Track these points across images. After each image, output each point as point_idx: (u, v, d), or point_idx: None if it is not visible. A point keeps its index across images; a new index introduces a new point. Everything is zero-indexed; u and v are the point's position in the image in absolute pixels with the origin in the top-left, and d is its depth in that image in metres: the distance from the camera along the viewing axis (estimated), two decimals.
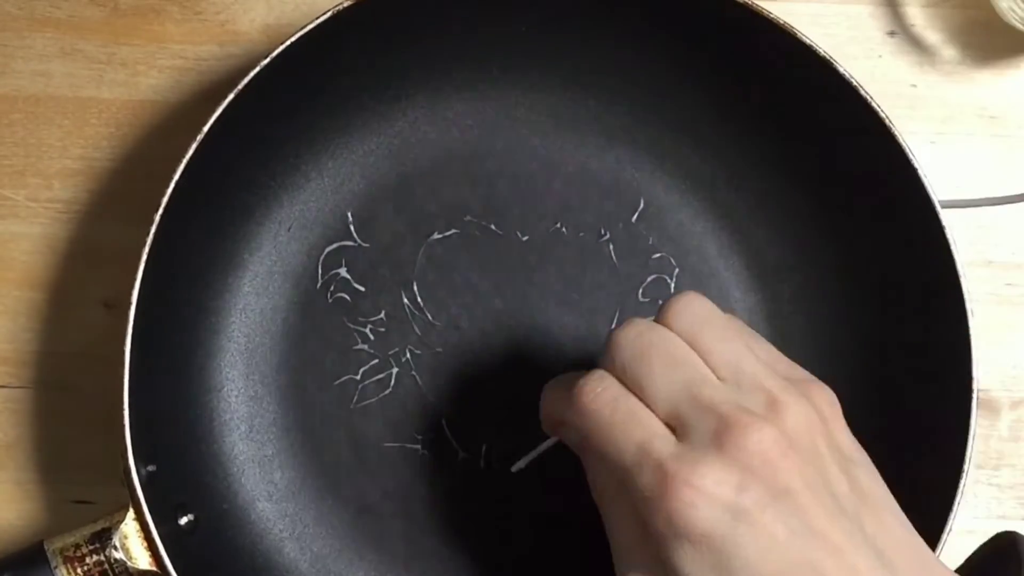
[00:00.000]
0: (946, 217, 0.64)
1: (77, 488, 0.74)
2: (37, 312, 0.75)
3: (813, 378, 0.58)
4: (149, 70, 0.77)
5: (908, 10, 0.77)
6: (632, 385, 0.55)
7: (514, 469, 0.66)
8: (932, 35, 0.77)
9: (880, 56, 0.77)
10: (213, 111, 0.64)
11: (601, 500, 0.57)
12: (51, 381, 0.75)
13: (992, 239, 0.76)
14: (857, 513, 0.53)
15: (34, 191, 0.76)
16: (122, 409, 0.61)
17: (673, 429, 0.53)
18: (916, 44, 0.77)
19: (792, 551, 0.50)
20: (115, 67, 0.76)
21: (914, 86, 0.77)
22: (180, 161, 0.63)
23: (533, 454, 0.65)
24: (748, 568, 0.50)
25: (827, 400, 0.56)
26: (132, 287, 0.62)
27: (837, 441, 0.55)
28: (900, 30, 0.77)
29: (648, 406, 0.54)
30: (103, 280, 0.75)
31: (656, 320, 0.56)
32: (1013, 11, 0.73)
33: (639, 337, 0.55)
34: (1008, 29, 0.75)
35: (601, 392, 0.55)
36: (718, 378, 0.55)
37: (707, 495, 0.50)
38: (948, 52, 0.77)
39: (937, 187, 0.65)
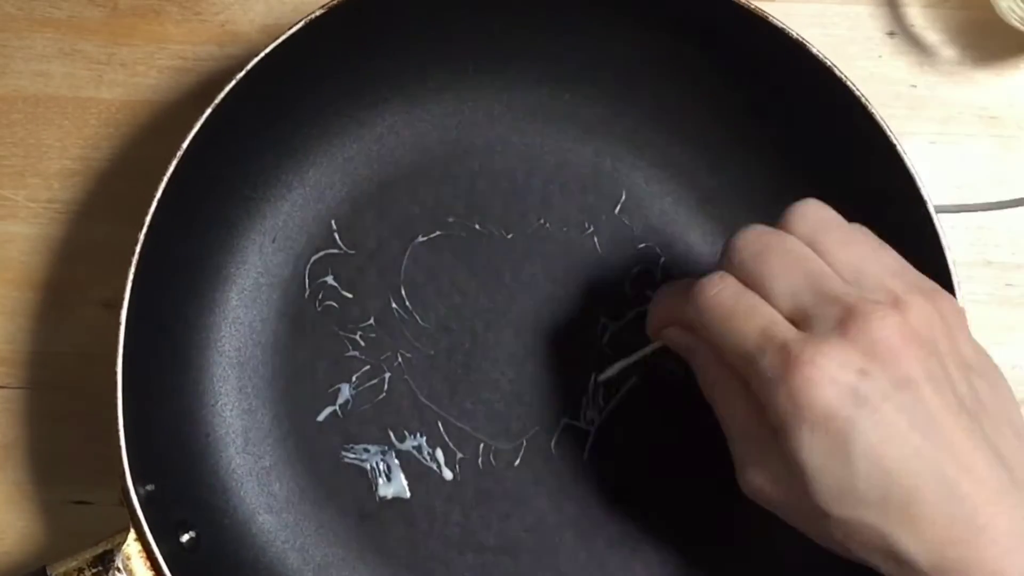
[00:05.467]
0: (942, 219, 0.64)
1: (76, 488, 0.75)
2: (36, 312, 0.76)
3: (940, 288, 0.57)
4: (149, 71, 0.77)
5: (908, 10, 0.77)
6: (752, 282, 0.56)
7: (601, 379, 0.69)
8: (932, 35, 0.76)
9: (880, 56, 0.77)
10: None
11: (715, 396, 0.59)
12: (50, 382, 0.75)
13: (992, 240, 0.75)
14: (976, 414, 0.53)
15: (34, 191, 0.76)
16: (117, 430, 0.62)
17: (795, 323, 0.54)
18: (916, 44, 0.76)
19: (911, 443, 0.51)
20: (115, 67, 0.77)
21: (914, 86, 0.76)
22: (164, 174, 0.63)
23: (626, 361, 0.67)
24: (867, 455, 0.51)
25: (952, 309, 0.56)
26: (122, 302, 0.63)
27: (959, 347, 0.55)
28: (900, 30, 0.76)
29: (768, 301, 0.55)
30: (102, 280, 0.75)
31: (776, 226, 0.57)
32: (1013, 11, 0.73)
33: (758, 238, 0.57)
34: (1008, 29, 0.74)
35: (722, 288, 0.56)
36: (841, 278, 0.55)
37: (830, 376, 0.51)
38: (948, 52, 0.76)
39: (937, 188, 0.65)
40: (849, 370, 0.51)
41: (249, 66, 0.64)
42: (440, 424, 0.71)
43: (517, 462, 0.71)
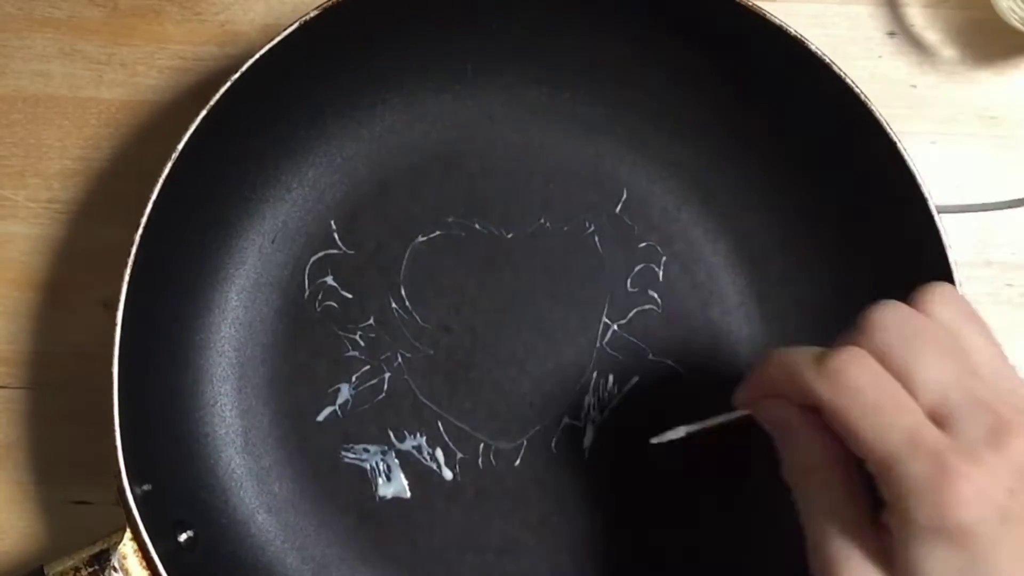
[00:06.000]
0: (942, 218, 0.64)
1: (76, 488, 0.74)
2: (36, 312, 0.76)
3: None
4: (149, 70, 0.77)
5: (908, 10, 0.77)
6: (896, 368, 0.52)
7: (654, 440, 0.66)
8: (932, 35, 0.76)
9: (880, 56, 0.76)
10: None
11: (810, 485, 0.55)
12: (50, 381, 0.75)
13: (992, 239, 0.75)
14: None
15: (34, 192, 0.76)
16: (113, 430, 0.62)
17: (935, 420, 0.51)
18: (916, 44, 0.76)
19: None
20: (115, 67, 0.77)
21: (914, 86, 0.76)
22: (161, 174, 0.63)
23: (695, 427, 0.64)
24: (1001, 574, 0.49)
25: None
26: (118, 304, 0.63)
27: None
28: (900, 30, 0.76)
29: (911, 392, 0.52)
30: (102, 280, 0.75)
31: (916, 308, 0.54)
32: (1013, 11, 0.73)
33: (907, 320, 0.53)
34: (1008, 29, 0.74)
35: (863, 371, 0.52)
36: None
37: (982, 493, 0.48)
38: (948, 52, 0.76)
39: (937, 188, 0.64)
40: (1000, 488, 0.49)
41: (244, 67, 0.64)
42: (440, 424, 0.71)
43: (517, 462, 0.71)
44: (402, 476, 0.71)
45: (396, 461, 0.71)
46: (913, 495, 0.49)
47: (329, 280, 0.72)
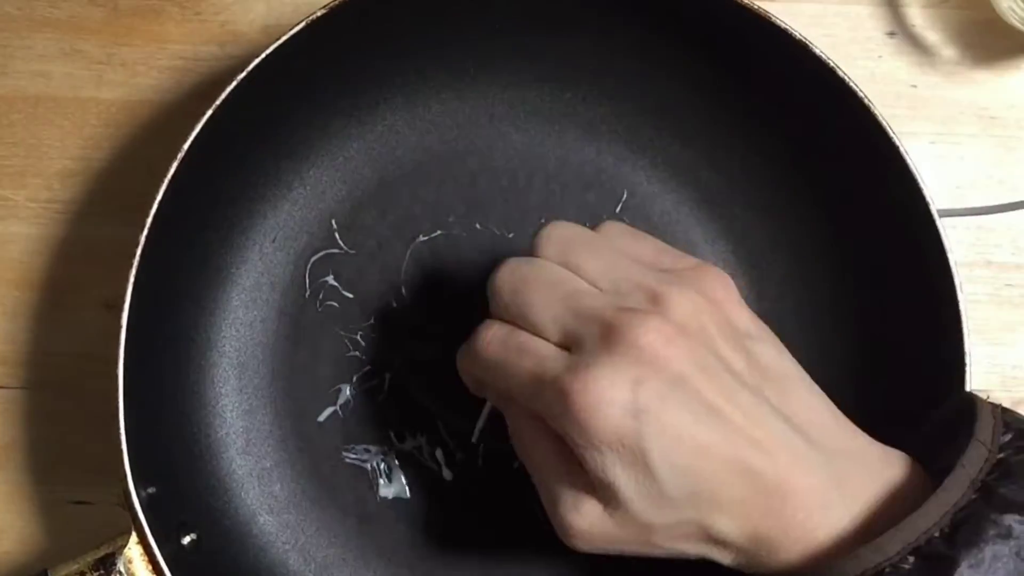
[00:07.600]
0: (943, 220, 0.64)
1: (76, 489, 0.74)
2: (37, 313, 0.76)
3: (703, 263, 0.58)
4: (149, 71, 0.77)
5: (908, 11, 0.77)
6: (518, 320, 0.56)
7: (474, 440, 0.69)
8: (932, 36, 0.76)
9: (880, 56, 0.76)
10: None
11: (522, 449, 0.58)
12: (51, 382, 0.75)
13: (992, 240, 0.75)
14: (759, 386, 0.54)
15: (34, 192, 0.76)
16: (119, 433, 0.61)
17: (568, 348, 0.54)
18: (916, 45, 0.76)
19: (698, 437, 0.51)
20: (115, 68, 0.76)
21: (914, 87, 0.76)
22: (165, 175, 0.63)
23: (481, 422, 0.67)
24: (664, 461, 0.51)
25: (719, 283, 0.57)
26: (123, 303, 0.62)
27: (731, 320, 0.56)
28: (900, 31, 0.77)
29: (538, 334, 0.55)
30: (102, 280, 0.75)
31: (530, 255, 0.57)
32: (1013, 11, 0.73)
33: (513, 272, 0.57)
34: (1008, 29, 0.75)
35: (492, 336, 0.57)
36: (598, 290, 0.55)
37: (605, 397, 0.51)
38: (948, 53, 0.76)
39: (937, 188, 0.64)
40: (622, 386, 0.51)
41: (251, 66, 0.64)
42: (440, 424, 0.72)
43: (517, 462, 0.71)
44: (403, 476, 0.71)
45: (396, 462, 0.71)
46: (558, 422, 0.52)
47: (330, 280, 0.72)
